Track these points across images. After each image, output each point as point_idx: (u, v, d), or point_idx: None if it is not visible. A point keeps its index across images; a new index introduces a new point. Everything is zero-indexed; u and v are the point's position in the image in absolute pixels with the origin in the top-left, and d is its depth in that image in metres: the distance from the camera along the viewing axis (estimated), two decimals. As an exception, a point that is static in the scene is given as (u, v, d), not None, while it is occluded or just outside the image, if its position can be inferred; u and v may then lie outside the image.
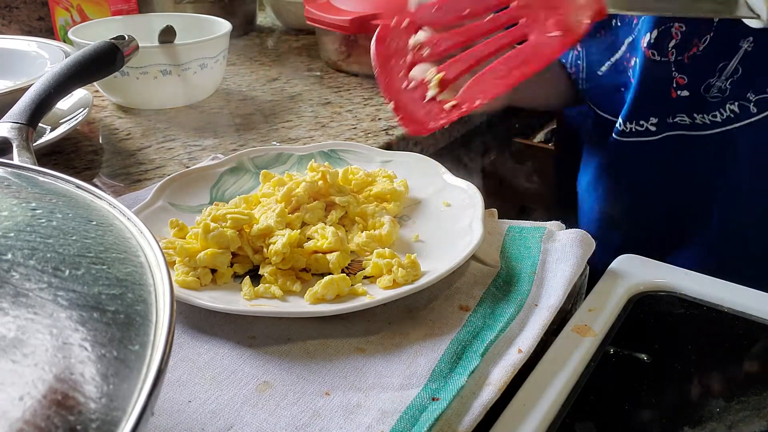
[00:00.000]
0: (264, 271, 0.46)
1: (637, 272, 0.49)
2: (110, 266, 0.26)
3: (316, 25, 0.89)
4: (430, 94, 0.41)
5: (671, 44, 0.65)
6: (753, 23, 0.43)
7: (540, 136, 1.11)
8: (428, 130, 0.41)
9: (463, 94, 0.41)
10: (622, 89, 0.71)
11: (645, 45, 0.66)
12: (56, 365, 0.21)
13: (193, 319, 0.43)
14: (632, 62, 0.69)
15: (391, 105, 0.41)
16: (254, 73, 0.94)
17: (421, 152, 0.61)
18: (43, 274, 0.24)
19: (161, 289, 0.26)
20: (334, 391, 0.38)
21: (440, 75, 0.42)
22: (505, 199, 0.95)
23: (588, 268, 0.49)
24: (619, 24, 0.70)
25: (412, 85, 0.42)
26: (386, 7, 0.42)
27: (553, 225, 0.52)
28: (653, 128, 0.69)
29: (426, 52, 0.42)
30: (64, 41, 0.92)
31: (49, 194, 0.31)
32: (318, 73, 0.93)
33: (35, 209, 0.28)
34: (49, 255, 0.25)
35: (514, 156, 0.94)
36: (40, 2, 1.07)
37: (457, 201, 0.53)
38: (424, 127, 0.41)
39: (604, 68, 0.72)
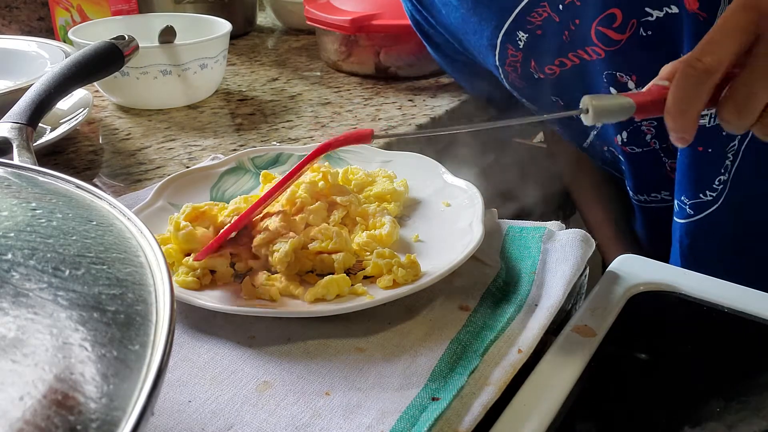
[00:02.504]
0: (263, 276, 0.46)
1: (637, 272, 0.49)
2: (110, 266, 0.26)
3: (316, 25, 0.89)
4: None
5: (648, 138, 0.62)
6: (583, 119, 0.42)
7: (540, 137, 1.11)
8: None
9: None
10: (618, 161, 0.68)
11: (620, 143, 0.63)
12: (56, 365, 0.21)
13: (193, 319, 0.43)
14: (610, 148, 0.67)
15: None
16: (254, 73, 0.94)
17: (421, 152, 0.61)
18: (43, 274, 0.24)
19: (161, 289, 0.26)
20: (334, 391, 0.38)
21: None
22: (505, 199, 0.94)
23: (588, 268, 0.49)
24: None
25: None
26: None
27: (553, 225, 0.52)
28: (668, 197, 0.66)
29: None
30: (64, 41, 0.92)
31: (49, 194, 0.31)
32: (318, 73, 0.93)
33: (35, 209, 0.28)
34: (49, 255, 0.25)
35: (514, 156, 0.94)
36: (40, 2, 1.07)
37: (457, 201, 0.53)
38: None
39: (585, 144, 0.71)
